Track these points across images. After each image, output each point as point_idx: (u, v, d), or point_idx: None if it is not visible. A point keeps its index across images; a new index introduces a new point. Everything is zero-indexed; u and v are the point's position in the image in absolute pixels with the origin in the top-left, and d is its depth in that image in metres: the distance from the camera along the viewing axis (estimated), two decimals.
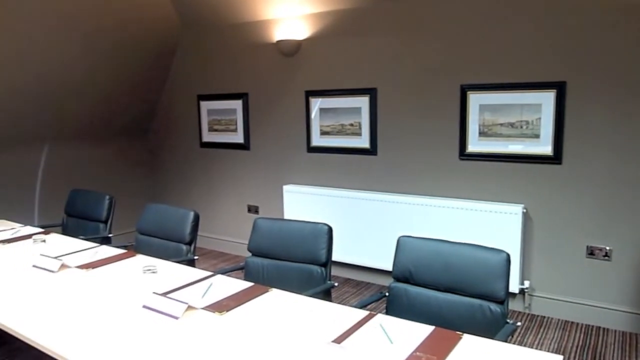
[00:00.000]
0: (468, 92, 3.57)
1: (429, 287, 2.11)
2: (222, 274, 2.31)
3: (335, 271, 4.32)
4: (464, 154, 3.66)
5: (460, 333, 1.64)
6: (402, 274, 2.17)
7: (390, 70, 3.89)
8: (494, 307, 1.94)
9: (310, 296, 2.03)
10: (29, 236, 3.07)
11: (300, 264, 2.51)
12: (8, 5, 3.65)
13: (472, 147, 3.62)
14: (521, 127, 3.42)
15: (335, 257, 3.30)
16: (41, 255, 2.57)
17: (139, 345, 1.61)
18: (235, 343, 1.62)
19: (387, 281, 4.00)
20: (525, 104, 3.37)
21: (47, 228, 3.34)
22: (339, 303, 1.94)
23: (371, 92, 4.00)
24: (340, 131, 4.21)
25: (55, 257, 2.51)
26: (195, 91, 5.18)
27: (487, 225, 3.50)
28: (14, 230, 3.22)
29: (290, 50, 4.32)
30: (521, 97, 3.38)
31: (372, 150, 4.07)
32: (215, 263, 4.85)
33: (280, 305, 1.93)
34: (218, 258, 5.03)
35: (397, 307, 2.16)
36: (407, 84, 3.84)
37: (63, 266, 2.44)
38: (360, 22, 3.97)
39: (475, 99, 3.55)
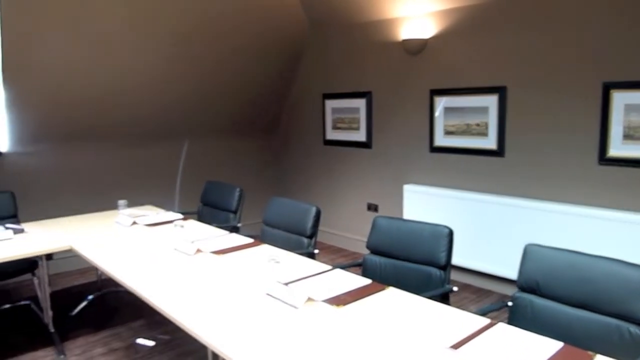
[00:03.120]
0: (612, 91, 3.23)
1: (558, 301, 1.96)
2: (341, 268, 2.36)
3: (454, 275, 4.20)
4: (604, 159, 3.33)
5: (592, 353, 1.51)
6: (528, 284, 2.05)
7: (521, 67, 3.67)
8: (634, 329, 1.75)
9: (428, 298, 2.00)
10: (171, 221, 3.41)
11: (418, 265, 2.48)
12: (163, 22, 4.08)
13: (615, 151, 3.28)
14: None
15: (455, 260, 3.20)
16: (180, 239, 2.84)
17: (261, 330, 1.72)
18: (352, 337, 1.65)
19: (509, 290, 3.80)
20: None
21: (186, 215, 3.68)
22: (457, 308, 1.89)
23: (500, 91, 3.80)
24: (465, 131, 4.06)
25: (192, 242, 2.76)
26: (321, 90, 5.34)
27: (629, 238, 3.15)
28: (158, 216, 3.60)
29: (416, 48, 4.27)
30: None
31: (499, 152, 3.88)
32: (334, 258, 4.97)
33: (397, 304, 1.93)
34: (337, 253, 5.14)
35: (520, 318, 2.04)
36: (540, 82, 3.59)
37: (198, 250, 2.67)
38: (490, 18, 3.79)
39: (620, 98, 3.21)
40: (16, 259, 2.77)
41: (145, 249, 2.78)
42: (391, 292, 2.06)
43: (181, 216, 3.58)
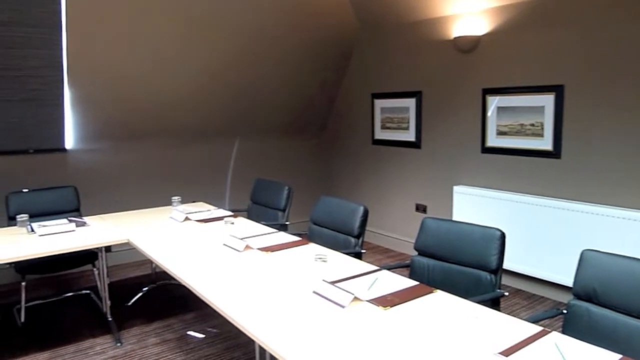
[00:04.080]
0: None
1: (618, 311, 1.87)
2: (388, 269, 2.35)
3: (505, 280, 4.08)
4: None
5: None
6: (584, 292, 1.97)
7: (580, 65, 3.52)
8: None
9: (477, 302, 1.96)
10: (221, 218, 3.50)
11: (468, 268, 2.44)
12: (217, 29, 4.19)
13: None
14: None
15: (506, 264, 3.12)
16: (230, 235, 2.91)
17: (307, 327, 1.74)
18: (398, 339, 1.64)
19: (563, 297, 3.67)
20: None
21: (235, 212, 3.76)
22: (508, 314, 1.84)
23: (557, 90, 3.66)
24: (519, 131, 3.94)
25: (241, 239, 2.82)
26: (370, 89, 5.32)
27: None
28: (209, 212, 3.70)
29: (468, 46, 4.18)
30: None
31: (554, 153, 3.73)
32: (381, 258, 4.95)
33: (445, 307, 1.90)
34: (384, 254, 5.11)
35: (575, 327, 1.96)
36: (601, 80, 3.43)
37: (247, 247, 2.73)
38: (547, 14, 3.65)
39: None
40: (78, 250, 2.93)
41: (196, 244, 2.87)
42: (439, 295, 2.03)
43: (231, 213, 3.67)
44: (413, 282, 2.17)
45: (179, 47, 4.26)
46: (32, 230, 3.17)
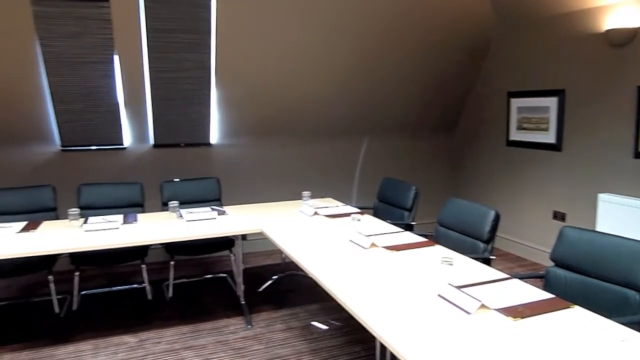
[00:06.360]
0: None
1: None
2: (519, 279, 2.23)
3: None
4: None
5: None
6: None
7: None
8: None
9: (624, 324, 1.78)
10: (348, 214, 3.58)
11: (612, 285, 2.22)
12: (348, 27, 4.29)
13: None
14: None
15: None
16: (357, 232, 2.98)
17: (430, 330, 1.72)
18: (528, 354, 1.56)
19: None
20: None
21: (362, 209, 3.82)
22: None
23: None
24: None
25: (367, 236, 2.87)
26: (506, 88, 5.04)
27: None
28: (337, 208, 3.80)
29: (622, 40, 3.77)
30: None
31: None
32: (511, 267, 4.68)
33: (584, 325, 1.76)
34: (515, 262, 4.84)
35: None
36: None
37: (373, 245, 2.77)
38: None
39: None
40: (218, 236, 3.22)
41: (324, 238, 2.98)
42: (578, 311, 1.88)
43: (358, 210, 3.74)
44: (548, 295, 2.03)
45: (308, 53, 4.43)
46: (181, 216, 3.54)
